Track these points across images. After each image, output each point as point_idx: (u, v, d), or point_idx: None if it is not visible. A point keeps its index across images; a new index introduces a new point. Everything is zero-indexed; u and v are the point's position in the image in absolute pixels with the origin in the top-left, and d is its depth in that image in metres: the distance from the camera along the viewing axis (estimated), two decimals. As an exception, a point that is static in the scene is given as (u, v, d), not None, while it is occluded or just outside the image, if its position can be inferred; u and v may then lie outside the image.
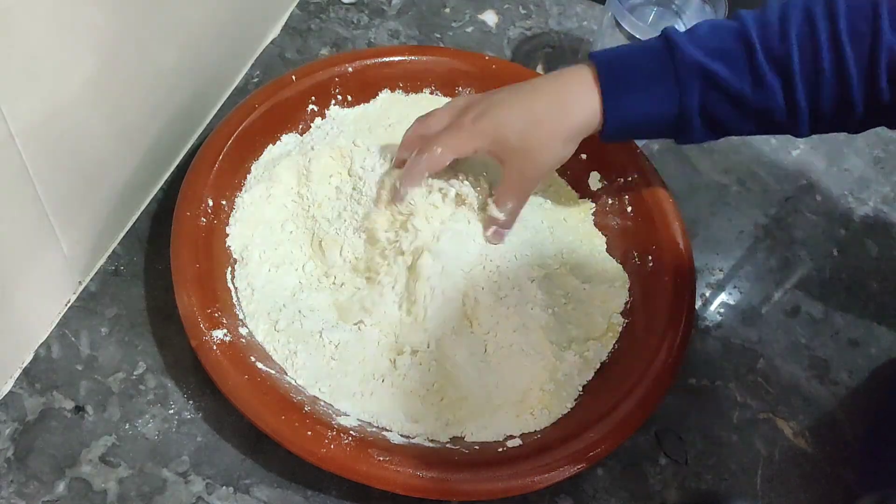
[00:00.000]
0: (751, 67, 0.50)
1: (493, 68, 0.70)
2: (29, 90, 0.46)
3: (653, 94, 0.52)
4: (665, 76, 0.51)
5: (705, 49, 0.50)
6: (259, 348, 0.55)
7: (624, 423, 0.53)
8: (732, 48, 0.50)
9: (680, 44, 0.51)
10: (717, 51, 0.50)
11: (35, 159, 0.48)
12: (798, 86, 0.49)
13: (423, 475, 0.49)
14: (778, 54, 0.49)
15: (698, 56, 0.50)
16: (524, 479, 0.50)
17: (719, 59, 0.50)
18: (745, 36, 0.50)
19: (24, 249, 0.51)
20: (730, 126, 0.53)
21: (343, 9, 0.80)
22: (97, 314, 0.59)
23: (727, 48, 0.50)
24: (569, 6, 0.82)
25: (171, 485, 0.53)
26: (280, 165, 0.63)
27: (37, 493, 0.52)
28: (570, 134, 0.53)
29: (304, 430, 0.50)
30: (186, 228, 0.57)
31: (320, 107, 0.67)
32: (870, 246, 0.70)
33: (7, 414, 0.54)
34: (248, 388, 0.51)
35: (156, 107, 0.61)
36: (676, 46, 0.51)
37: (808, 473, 0.58)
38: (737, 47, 0.50)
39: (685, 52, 0.50)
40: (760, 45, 0.49)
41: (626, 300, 0.61)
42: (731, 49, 0.50)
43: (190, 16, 0.60)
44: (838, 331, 0.65)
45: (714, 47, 0.50)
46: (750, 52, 0.50)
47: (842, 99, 0.49)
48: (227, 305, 0.56)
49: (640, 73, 0.52)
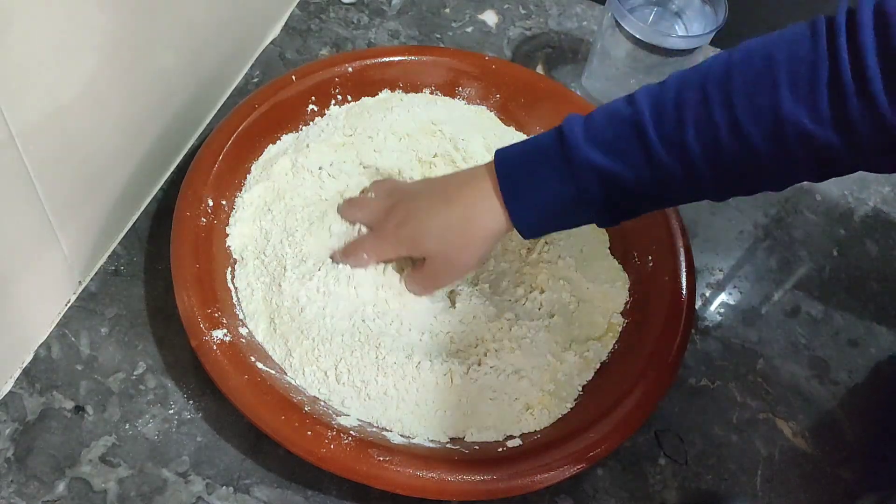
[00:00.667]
0: (648, 158, 0.47)
1: (493, 68, 0.70)
2: (29, 90, 0.46)
3: (555, 198, 0.50)
4: (564, 179, 0.50)
5: (600, 145, 0.48)
6: (259, 348, 0.55)
7: (624, 423, 0.53)
8: (627, 139, 0.48)
9: (574, 144, 0.49)
10: (612, 145, 0.48)
11: (35, 160, 0.48)
12: (701, 168, 0.47)
13: (423, 475, 0.49)
14: (675, 141, 0.47)
15: (593, 156, 0.48)
16: (524, 479, 0.50)
17: (614, 155, 0.48)
18: (640, 126, 0.47)
19: (24, 249, 0.51)
20: (639, 210, 0.51)
21: (343, 9, 0.80)
22: (97, 314, 0.59)
23: (622, 140, 0.48)
24: (569, 6, 0.82)
25: (171, 485, 0.53)
26: (277, 164, 0.63)
27: (37, 493, 0.52)
28: (483, 240, 0.54)
29: (304, 430, 0.50)
30: (186, 228, 0.57)
31: (320, 107, 0.67)
32: (870, 246, 0.70)
33: (7, 414, 0.54)
34: (248, 388, 0.51)
35: (156, 107, 0.61)
36: (571, 147, 0.49)
37: (808, 473, 0.58)
38: (631, 138, 0.48)
39: (580, 153, 0.49)
40: (657, 135, 0.47)
41: (626, 300, 0.61)
42: (625, 141, 0.48)
43: (190, 16, 0.60)
44: (838, 331, 0.65)
45: (608, 141, 0.48)
46: (645, 142, 0.47)
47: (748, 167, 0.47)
48: (227, 305, 0.56)
49: (538, 179, 0.50)
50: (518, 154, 0.52)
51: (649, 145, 0.47)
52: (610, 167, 0.48)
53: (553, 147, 0.50)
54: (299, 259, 0.58)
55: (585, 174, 0.49)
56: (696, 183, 0.48)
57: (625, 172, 0.48)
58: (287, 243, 0.59)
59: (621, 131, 0.48)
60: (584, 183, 0.49)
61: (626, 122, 0.48)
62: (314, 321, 0.56)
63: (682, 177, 0.47)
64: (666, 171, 0.47)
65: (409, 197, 0.57)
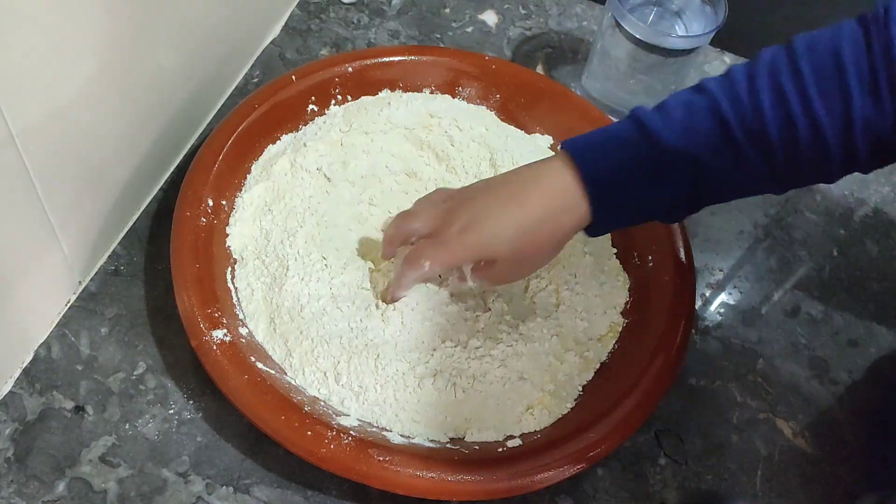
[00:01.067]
0: (729, 145, 0.48)
1: (492, 68, 0.70)
2: (29, 90, 0.46)
3: (641, 192, 0.50)
4: (652, 171, 0.49)
5: (682, 133, 0.48)
6: (259, 348, 0.55)
7: (624, 423, 0.53)
8: (708, 128, 0.48)
9: (656, 132, 0.49)
10: (694, 133, 0.48)
11: (35, 159, 0.48)
12: (777, 156, 0.48)
13: (423, 475, 0.49)
14: (754, 128, 0.47)
15: (678, 144, 0.48)
16: (524, 479, 0.50)
17: (698, 143, 0.48)
18: (718, 114, 0.48)
19: (24, 249, 0.51)
20: (713, 201, 0.52)
21: (343, 9, 0.80)
22: (97, 314, 0.59)
23: (703, 129, 0.48)
24: (569, 6, 0.82)
25: (171, 485, 0.53)
26: (276, 164, 0.63)
27: (37, 493, 0.52)
28: (560, 241, 0.52)
29: (304, 430, 0.50)
30: (186, 228, 0.57)
31: (320, 107, 0.67)
32: (870, 246, 0.70)
33: (7, 414, 0.54)
34: (248, 388, 0.51)
35: (156, 107, 0.61)
36: (653, 135, 0.49)
37: (808, 473, 0.58)
38: (713, 127, 0.48)
39: (664, 142, 0.48)
40: (735, 122, 0.47)
41: (626, 300, 0.61)
42: (707, 129, 0.48)
43: (190, 16, 0.60)
44: (838, 331, 0.65)
45: (690, 130, 0.48)
46: (726, 129, 0.48)
47: (820, 161, 0.48)
48: (227, 305, 0.56)
49: (624, 172, 0.50)
50: (597, 146, 0.51)
51: (730, 130, 0.47)
52: (695, 153, 0.48)
53: (634, 137, 0.49)
54: (301, 258, 0.59)
55: (672, 162, 0.49)
56: (771, 166, 0.48)
57: (707, 158, 0.48)
58: (288, 243, 0.59)
59: (700, 118, 0.48)
60: (671, 172, 0.49)
61: (703, 111, 0.48)
62: (314, 321, 0.56)
63: (758, 161, 0.48)
64: (744, 156, 0.48)
65: (470, 199, 0.53)
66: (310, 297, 0.56)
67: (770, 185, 0.50)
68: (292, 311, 0.56)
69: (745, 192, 0.52)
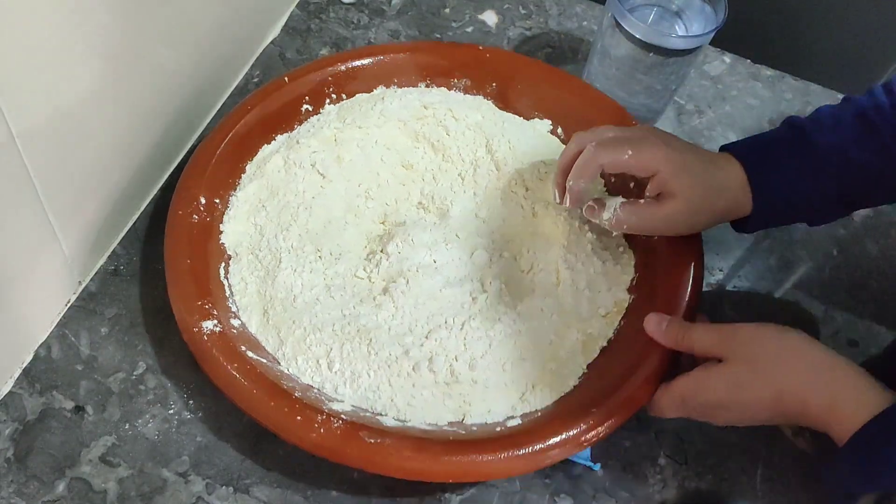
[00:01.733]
0: (880, 146, 0.53)
1: (486, 57, 0.70)
2: (30, 91, 0.46)
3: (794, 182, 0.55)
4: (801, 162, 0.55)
5: (829, 128, 0.55)
6: (251, 339, 0.55)
7: (628, 402, 0.52)
8: (858, 129, 0.54)
9: (803, 126, 0.55)
10: (841, 128, 0.54)
11: (35, 160, 0.48)
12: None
13: (416, 457, 0.49)
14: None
15: (826, 137, 0.54)
16: (521, 459, 0.50)
17: (849, 142, 0.54)
18: (865, 117, 0.54)
19: (24, 249, 0.52)
20: (861, 200, 0.57)
21: (343, 9, 0.80)
22: (97, 314, 0.59)
23: (848, 123, 0.54)
24: (569, 6, 0.82)
25: (171, 485, 0.53)
26: (270, 162, 0.63)
27: (37, 493, 0.52)
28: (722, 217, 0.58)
29: (293, 415, 0.50)
30: (178, 225, 0.58)
31: (315, 106, 0.67)
32: (870, 246, 0.70)
33: (7, 414, 0.54)
34: (237, 376, 0.51)
35: (156, 107, 0.61)
36: (802, 128, 0.55)
37: (808, 473, 0.58)
38: (862, 128, 0.54)
39: (812, 135, 0.55)
40: (881, 123, 0.53)
41: (632, 277, 0.61)
42: (851, 124, 0.54)
43: (190, 17, 0.60)
44: (838, 331, 0.65)
45: (837, 126, 0.54)
46: (874, 130, 0.54)
47: None
48: (220, 299, 0.56)
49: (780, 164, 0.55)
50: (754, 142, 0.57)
51: (877, 130, 0.54)
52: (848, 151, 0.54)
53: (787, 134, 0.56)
54: (294, 251, 0.59)
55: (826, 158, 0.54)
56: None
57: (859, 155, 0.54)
58: (282, 237, 0.59)
59: (848, 121, 0.55)
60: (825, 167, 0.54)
61: (850, 114, 0.55)
62: (306, 310, 0.56)
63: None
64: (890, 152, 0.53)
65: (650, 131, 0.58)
66: (303, 286, 0.57)
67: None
68: (285, 302, 0.56)
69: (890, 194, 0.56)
